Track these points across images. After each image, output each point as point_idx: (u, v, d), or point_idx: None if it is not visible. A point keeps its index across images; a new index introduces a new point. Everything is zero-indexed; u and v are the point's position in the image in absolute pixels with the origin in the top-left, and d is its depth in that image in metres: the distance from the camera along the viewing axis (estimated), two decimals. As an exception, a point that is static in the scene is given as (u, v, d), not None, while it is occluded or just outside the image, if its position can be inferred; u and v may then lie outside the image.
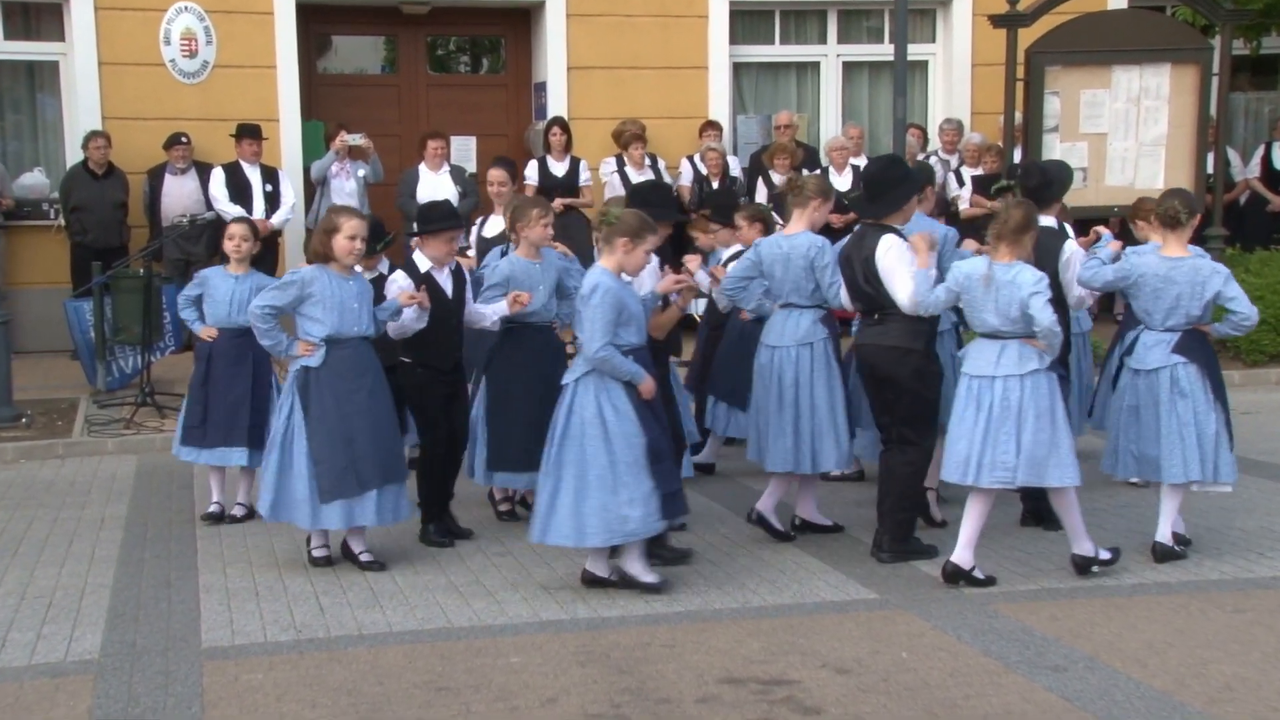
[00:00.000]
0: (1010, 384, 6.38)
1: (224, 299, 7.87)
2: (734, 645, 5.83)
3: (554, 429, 6.39)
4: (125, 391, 11.10)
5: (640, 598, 6.45)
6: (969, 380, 6.51)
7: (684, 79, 14.01)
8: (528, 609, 6.36)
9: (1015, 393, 6.37)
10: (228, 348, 7.86)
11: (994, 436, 6.38)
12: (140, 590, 6.73)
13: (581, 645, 5.86)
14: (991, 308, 6.42)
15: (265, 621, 6.23)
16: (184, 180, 12.48)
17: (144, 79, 12.92)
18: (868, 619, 6.17)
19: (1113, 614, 6.18)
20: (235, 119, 12.59)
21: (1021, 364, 6.38)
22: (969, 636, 5.91)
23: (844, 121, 14.47)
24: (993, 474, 6.40)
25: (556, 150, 12.84)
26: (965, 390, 6.51)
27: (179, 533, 7.76)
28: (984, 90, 14.26)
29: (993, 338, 6.47)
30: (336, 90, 14.14)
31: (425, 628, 6.12)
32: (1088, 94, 12.30)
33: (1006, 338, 6.42)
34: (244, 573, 6.97)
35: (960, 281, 6.54)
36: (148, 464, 9.51)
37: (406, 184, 12.32)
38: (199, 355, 7.99)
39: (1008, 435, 6.36)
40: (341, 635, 6.03)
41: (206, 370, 7.89)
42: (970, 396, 6.48)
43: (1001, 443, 6.36)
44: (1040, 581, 6.65)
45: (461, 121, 13.92)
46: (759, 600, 6.44)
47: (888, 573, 6.80)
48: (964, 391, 6.52)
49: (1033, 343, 6.37)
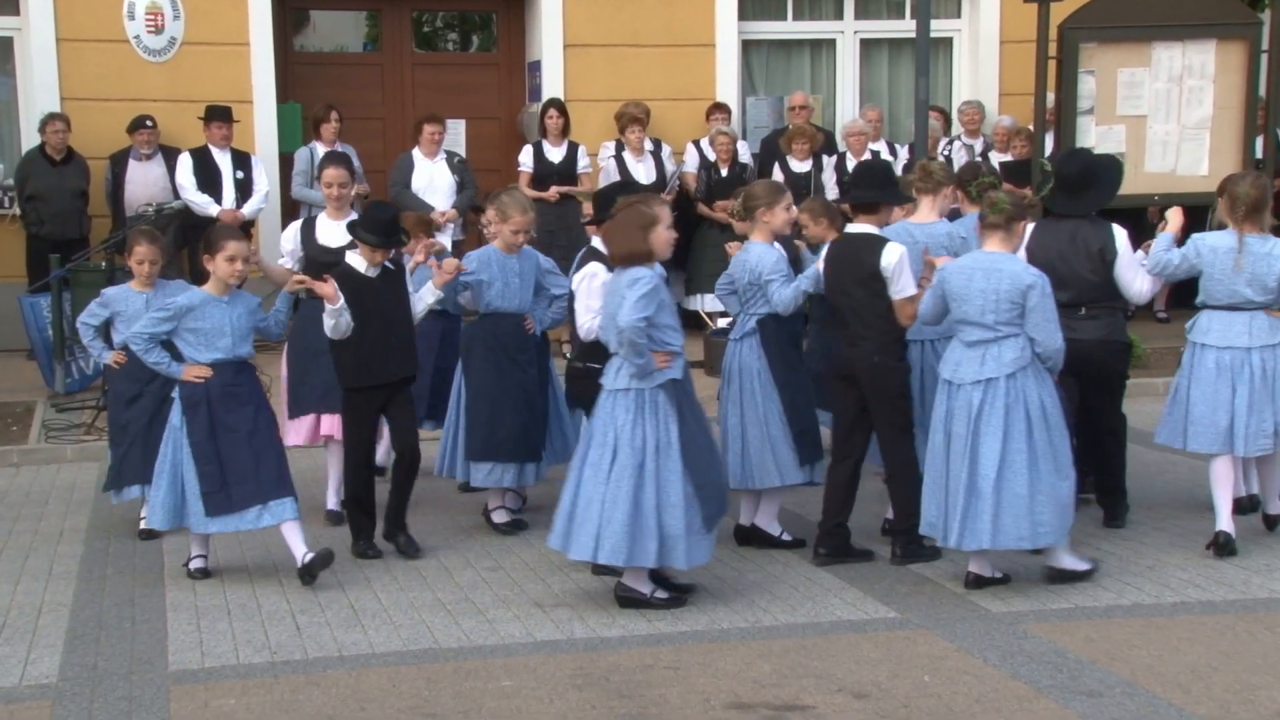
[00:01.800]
0: (1266, 354, 7.17)
1: (218, 327, 7.07)
2: (743, 667, 5.84)
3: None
4: (86, 394, 11.11)
5: (643, 616, 6.46)
6: (1218, 353, 7.21)
7: (689, 58, 14.03)
8: (521, 628, 6.36)
9: (1271, 362, 7.17)
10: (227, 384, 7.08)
11: (1258, 407, 7.14)
12: (102, 609, 6.74)
13: (579, 667, 5.86)
14: (1245, 279, 7.14)
15: (237, 642, 6.23)
16: (149, 166, 12.49)
17: (106, 57, 12.94)
18: (887, 639, 6.17)
19: (1152, 635, 6.19)
20: (205, 100, 12.59)
21: (1272, 334, 7.18)
22: (996, 658, 5.91)
23: (861, 104, 14.48)
24: (1256, 443, 7.18)
25: (553, 135, 12.84)
26: (1215, 362, 7.21)
27: (143, 546, 7.76)
28: (1013, 69, 14.26)
29: (1234, 309, 7.18)
30: (315, 70, 14.16)
31: (410, 648, 6.12)
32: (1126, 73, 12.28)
33: (1253, 309, 7.17)
34: (214, 589, 6.98)
35: (1202, 255, 7.21)
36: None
37: (400, 171, 12.26)
38: (190, 402, 7.01)
39: (1266, 404, 7.16)
40: (320, 657, 6.04)
41: (209, 418, 7.02)
42: (1223, 368, 7.19)
43: (1265, 412, 7.15)
44: (1073, 599, 6.66)
45: (450, 103, 13.92)
46: (770, 619, 6.44)
47: (908, 590, 6.81)
48: (1212, 364, 7.21)
49: (1273, 313, 7.19)
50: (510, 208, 7.79)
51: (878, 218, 7.19)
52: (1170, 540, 7.57)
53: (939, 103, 14.05)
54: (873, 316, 7.04)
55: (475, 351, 7.81)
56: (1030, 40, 12.37)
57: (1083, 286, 7.46)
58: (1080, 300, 7.46)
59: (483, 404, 7.72)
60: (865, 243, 7.07)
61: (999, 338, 6.58)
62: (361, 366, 7.27)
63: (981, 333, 6.61)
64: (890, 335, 7.07)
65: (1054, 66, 12.29)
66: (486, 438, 7.70)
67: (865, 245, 7.06)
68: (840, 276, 7.15)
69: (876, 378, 7.08)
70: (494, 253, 7.80)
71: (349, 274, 7.26)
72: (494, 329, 7.77)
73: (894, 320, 7.03)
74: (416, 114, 12.85)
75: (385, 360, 7.29)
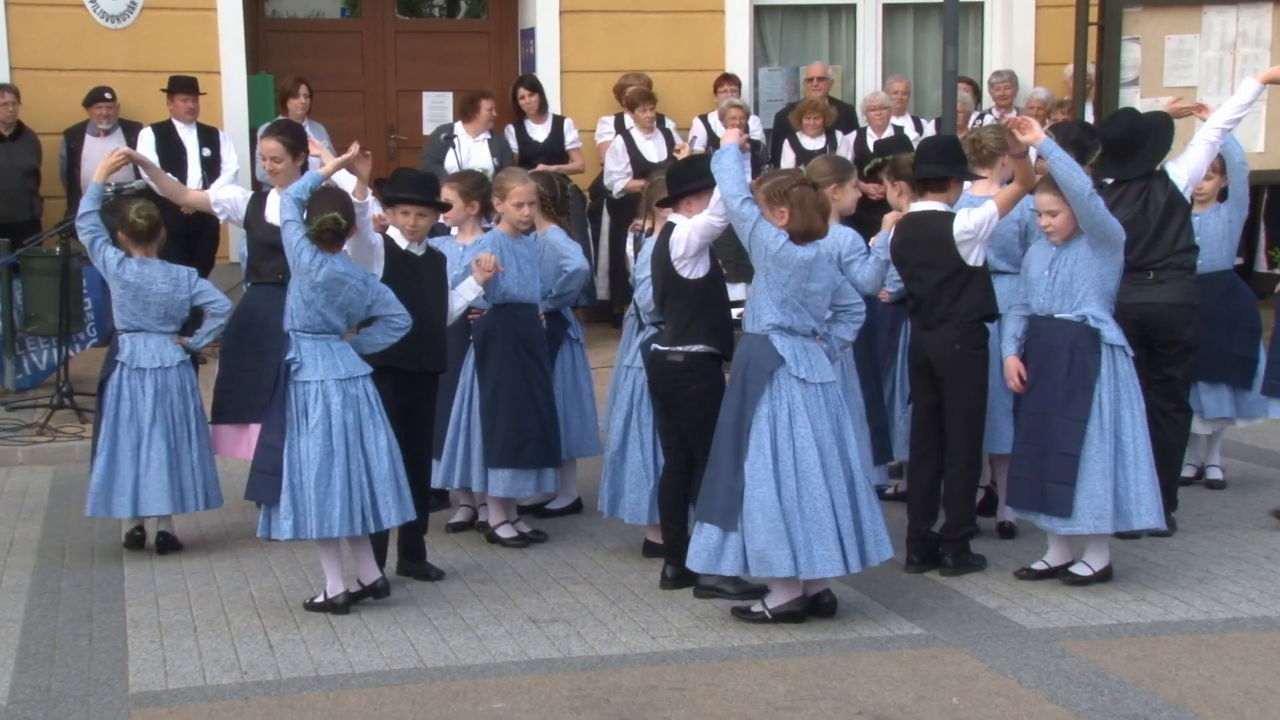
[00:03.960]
0: None
1: None
2: (755, 689, 5.85)
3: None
4: (39, 391, 11.11)
5: (645, 632, 6.47)
6: None
7: (696, 25, 14.01)
8: (513, 645, 6.37)
9: None
10: None
11: None
12: (56, 625, 6.74)
13: (576, 688, 5.87)
14: None
15: (204, 661, 6.24)
16: (108, 142, 12.45)
17: (60, 23, 12.93)
18: (912, 658, 6.18)
19: (1203, 654, 6.19)
20: (168, 71, 12.58)
21: None
22: (1031, 679, 5.92)
23: (884, 75, 14.47)
24: None
25: (532, 114, 12.86)
26: None
27: (102, 558, 7.77)
28: (1050, 37, 14.25)
29: None
30: (289, 38, 14.15)
31: (393, 668, 6.13)
32: (1174, 40, 12.28)
33: None
34: (179, 604, 6.99)
35: None
36: (65, 477, 9.51)
37: (435, 146, 12.14)
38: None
39: None
40: (295, 677, 6.04)
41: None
42: None
43: None
44: (1115, 614, 6.66)
45: (436, 75, 13.93)
46: (784, 636, 6.45)
47: (935, 604, 6.82)
48: None
49: None
50: (507, 180, 7.73)
51: (946, 195, 7.18)
52: (1222, 550, 7.58)
53: (968, 73, 14.05)
54: (948, 300, 7.06)
55: (493, 346, 7.67)
56: (1068, 5, 12.38)
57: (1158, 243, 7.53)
58: (1148, 261, 7.53)
59: (502, 404, 7.61)
60: (935, 220, 7.09)
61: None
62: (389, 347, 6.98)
63: None
64: (971, 318, 7.08)
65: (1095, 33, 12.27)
66: (508, 441, 7.59)
67: (935, 223, 7.08)
68: (910, 258, 7.18)
69: (957, 367, 7.08)
70: (501, 238, 7.70)
71: (389, 247, 7.11)
72: (511, 321, 7.66)
73: (973, 303, 7.06)
74: (399, 86, 12.84)
75: (417, 346, 7.04)
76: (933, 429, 7.24)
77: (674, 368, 6.84)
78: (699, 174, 6.86)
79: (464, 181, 8.09)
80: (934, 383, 7.18)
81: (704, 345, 6.80)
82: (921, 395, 7.28)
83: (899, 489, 8.26)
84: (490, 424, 7.66)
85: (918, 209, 7.21)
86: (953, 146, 7.45)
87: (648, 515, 7.33)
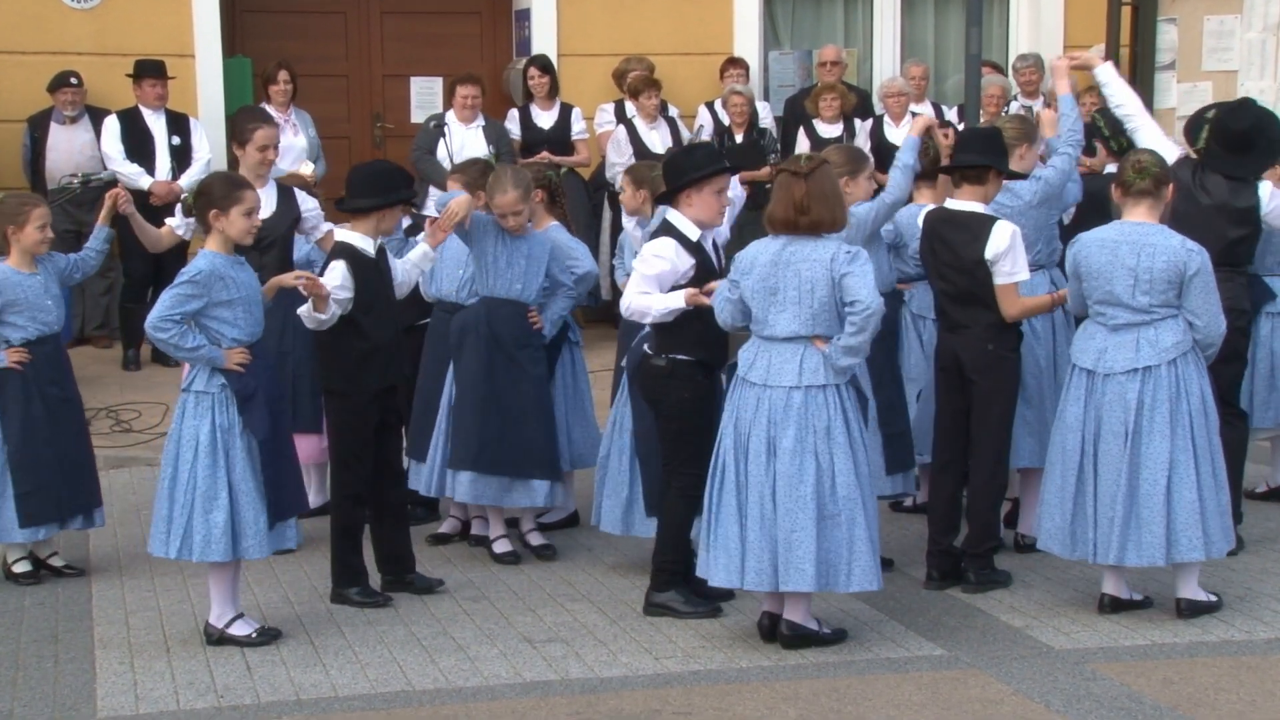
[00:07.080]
0: None
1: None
2: (765, 713, 5.86)
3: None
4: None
5: (648, 653, 6.49)
6: None
7: (703, 5, 14.01)
8: (507, 667, 6.39)
9: None
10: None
11: None
12: (19, 646, 6.76)
13: (575, 712, 5.89)
14: None
15: (178, 685, 6.25)
16: (74, 131, 12.49)
17: (22, 3, 12.91)
18: (933, 680, 6.20)
19: (1243, 677, 6.21)
20: (138, 54, 12.59)
21: None
22: (1060, 703, 5.93)
23: (903, 59, 14.49)
24: None
25: (539, 97, 12.86)
26: None
27: (67, 574, 7.78)
28: (1080, 18, 14.25)
29: None
30: (267, 19, 14.13)
31: (379, 691, 6.15)
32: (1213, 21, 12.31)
33: None
34: (151, 624, 7.00)
35: None
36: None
37: (426, 136, 12.15)
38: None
39: None
40: (274, 701, 6.06)
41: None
42: None
43: None
44: (1149, 634, 6.68)
45: (424, 58, 13.92)
46: (796, 657, 6.47)
47: (956, 623, 6.83)
48: None
49: None
50: (494, 186, 7.63)
51: (984, 189, 7.16)
52: (1264, 565, 7.60)
53: (993, 57, 14.05)
54: (980, 304, 7.06)
55: (466, 341, 7.69)
56: (1101, -16, 12.38)
57: (1220, 247, 7.38)
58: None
59: (466, 403, 7.66)
60: (971, 223, 7.07)
61: (1154, 320, 6.67)
62: (365, 363, 7.04)
63: (1131, 315, 6.68)
64: (1003, 319, 7.08)
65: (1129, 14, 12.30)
66: (465, 442, 7.61)
67: (970, 225, 7.06)
68: (937, 259, 7.18)
69: (990, 369, 7.08)
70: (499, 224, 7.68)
71: (349, 252, 7.09)
72: (488, 317, 7.65)
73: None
74: (385, 70, 12.83)
75: (389, 358, 7.14)
76: (958, 435, 7.24)
77: (657, 372, 6.88)
78: (698, 164, 6.86)
79: (468, 172, 8.07)
80: (963, 385, 7.17)
81: (687, 354, 6.82)
82: (948, 398, 7.26)
83: (917, 501, 8.27)
84: (454, 423, 7.73)
85: (953, 206, 7.22)
86: (996, 139, 7.40)
87: (621, 525, 7.44)
